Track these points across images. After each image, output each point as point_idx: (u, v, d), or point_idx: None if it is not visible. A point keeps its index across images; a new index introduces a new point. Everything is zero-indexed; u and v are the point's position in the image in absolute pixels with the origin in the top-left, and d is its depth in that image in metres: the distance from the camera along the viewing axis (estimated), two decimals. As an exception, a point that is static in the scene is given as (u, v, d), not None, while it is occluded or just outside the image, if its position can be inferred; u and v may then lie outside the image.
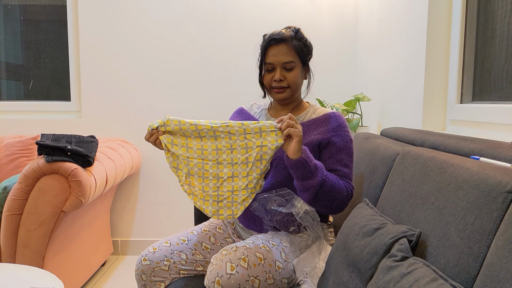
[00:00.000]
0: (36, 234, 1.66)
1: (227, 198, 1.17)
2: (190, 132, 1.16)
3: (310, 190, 1.15)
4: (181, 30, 2.53)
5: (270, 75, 1.30)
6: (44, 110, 2.66)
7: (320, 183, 1.14)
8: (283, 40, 1.27)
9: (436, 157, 0.92)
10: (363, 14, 2.38)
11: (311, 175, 1.13)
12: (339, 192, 1.19)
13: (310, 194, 1.15)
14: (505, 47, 1.23)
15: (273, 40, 1.27)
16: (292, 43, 1.27)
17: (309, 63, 1.35)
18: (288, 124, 1.10)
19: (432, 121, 1.52)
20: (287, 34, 1.27)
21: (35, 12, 2.71)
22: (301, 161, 1.11)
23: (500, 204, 0.66)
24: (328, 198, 1.17)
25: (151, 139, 1.19)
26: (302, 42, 1.30)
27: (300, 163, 1.11)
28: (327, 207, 1.20)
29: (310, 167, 1.12)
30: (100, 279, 2.27)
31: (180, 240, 1.32)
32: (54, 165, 1.65)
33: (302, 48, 1.29)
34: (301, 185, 1.16)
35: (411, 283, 0.67)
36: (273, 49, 1.28)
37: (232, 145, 1.16)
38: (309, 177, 1.13)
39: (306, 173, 1.13)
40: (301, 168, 1.12)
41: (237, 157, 1.16)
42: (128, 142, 2.54)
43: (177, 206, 2.63)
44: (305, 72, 1.35)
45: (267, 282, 1.12)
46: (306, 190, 1.16)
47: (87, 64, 2.56)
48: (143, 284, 1.28)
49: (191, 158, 1.18)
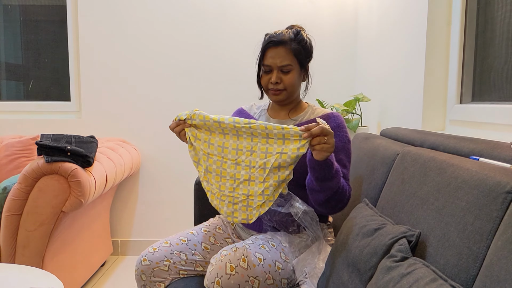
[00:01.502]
0: (35, 234, 1.65)
1: (242, 202, 1.13)
2: (214, 128, 1.14)
3: (326, 192, 1.13)
4: (181, 30, 2.53)
5: (267, 77, 1.30)
6: (44, 110, 2.66)
7: (339, 186, 1.13)
8: (281, 43, 1.26)
9: (436, 158, 0.92)
10: (363, 14, 2.38)
11: (331, 177, 1.11)
12: (344, 194, 1.18)
13: (326, 195, 1.14)
14: (505, 48, 1.23)
15: (272, 42, 1.27)
16: (290, 45, 1.26)
17: (308, 66, 1.34)
18: (319, 141, 1.03)
19: (431, 121, 1.52)
20: (286, 37, 1.26)
21: (35, 12, 2.71)
22: (328, 163, 1.08)
23: (499, 205, 0.66)
24: (337, 200, 1.17)
25: (176, 129, 1.18)
26: (302, 45, 1.28)
27: (325, 164, 1.08)
28: (332, 209, 1.19)
29: (333, 169, 1.10)
30: (100, 279, 2.27)
31: (180, 240, 1.32)
32: (54, 165, 1.65)
33: (301, 51, 1.28)
34: (319, 185, 1.13)
35: (410, 283, 0.67)
36: (271, 51, 1.27)
37: (252, 147, 1.12)
38: (329, 179, 1.11)
39: (328, 174, 1.10)
40: (325, 169, 1.09)
41: (256, 161, 1.11)
42: (128, 142, 2.54)
43: (177, 206, 2.63)
44: (304, 75, 1.34)
45: (266, 283, 1.12)
46: (322, 191, 1.14)
47: (87, 64, 2.56)
48: (143, 285, 1.28)
49: (211, 154, 1.16)
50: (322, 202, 1.16)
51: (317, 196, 1.16)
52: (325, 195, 1.14)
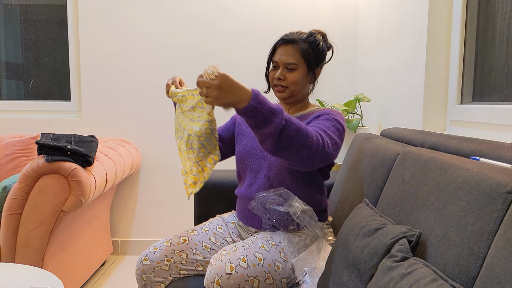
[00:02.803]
0: (35, 233, 1.65)
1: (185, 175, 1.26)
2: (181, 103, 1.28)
3: (269, 138, 1.01)
4: (181, 30, 2.53)
5: (274, 72, 1.33)
6: (44, 110, 2.66)
7: (279, 128, 1.00)
8: (291, 41, 1.30)
9: (436, 158, 0.92)
10: (363, 14, 2.38)
11: (266, 122, 0.99)
12: (308, 138, 1.06)
13: (271, 142, 1.02)
14: (505, 48, 1.23)
15: (282, 39, 1.32)
16: (299, 45, 1.29)
17: (317, 69, 1.35)
18: (203, 94, 0.99)
19: (432, 121, 1.52)
20: (298, 36, 1.30)
21: (35, 11, 2.71)
22: (249, 109, 0.98)
23: (500, 205, 0.66)
24: (294, 144, 1.04)
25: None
26: (312, 46, 1.30)
27: (248, 111, 0.98)
28: (296, 157, 1.07)
29: (263, 113, 0.98)
30: (100, 279, 2.27)
31: (181, 239, 1.32)
32: (54, 164, 1.65)
33: (309, 51, 1.29)
34: (258, 135, 1.03)
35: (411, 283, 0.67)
36: (280, 48, 1.32)
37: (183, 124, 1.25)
38: (265, 124, 0.99)
39: (260, 120, 0.99)
40: (252, 116, 0.99)
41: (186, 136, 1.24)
42: (128, 142, 2.54)
43: (177, 206, 2.63)
44: (311, 76, 1.34)
45: (266, 282, 1.12)
46: (265, 139, 1.03)
47: (87, 63, 2.56)
48: (144, 284, 1.28)
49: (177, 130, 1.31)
50: (274, 150, 1.04)
51: (266, 146, 1.04)
52: (271, 141, 1.02)
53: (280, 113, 1.01)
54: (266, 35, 2.53)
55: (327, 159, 1.14)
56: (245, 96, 0.98)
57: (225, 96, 0.96)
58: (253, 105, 0.97)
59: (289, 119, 1.03)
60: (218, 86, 0.96)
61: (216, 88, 0.96)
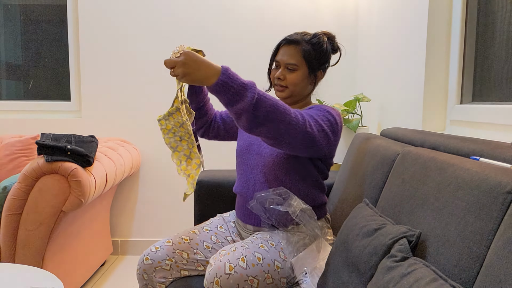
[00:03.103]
0: (35, 234, 1.65)
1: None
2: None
3: (244, 114, 0.99)
4: (182, 30, 2.53)
5: (275, 72, 1.34)
6: (44, 110, 2.66)
7: (253, 102, 0.98)
8: (294, 42, 1.30)
9: (436, 158, 0.92)
10: (363, 14, 2.38)
11: (238, 97, 0.98)
12: (286, 114, 1.04)
13: (247, 118, 1.00)
14: (505, 48, 1.23)
15: (286, 39, 1.32)
16: (301, 46, 1.29)
17: (319, 72, 1.34)
18: (171, 74, 1.01)
19: (432, 121, 1.52)
20: (301, 37, 1.30)
21: (35, 11, 2.71)
22: (219, 84, 0.97)
23: (500, 205, 0.66)
24: (271, 120, 1.02)
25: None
26: (315, 48, 1.30)
27: (218, 86, 0.97)
28: (275, 134, 1.05)
29: (234, 87, 0.97)
30: (100, 279, 2.27)
31: (182, 239, 1.32)
32: (54, 164, 1.65)
33: (311, 53, 1.29)
34: (232, 112, 1.01)
35: (411, 283, 0.67)
36: (283, 48, 1.32)
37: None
38: (237, 99, 0.98)
39: (232, 95, 0.98)
40: (223, 92, 0.98)
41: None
42: (128, 142, 2.54)
43: (177, 206, 2.63)
44: (313, 78, 1.34)
45: (266, 282, 1.12)
46: (240, 116, 1.01)
47: (87, 64, 2.56)
48: (145, 284, 1.28)
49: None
50: (251, 126, 1.02)
51: (241, 123, 1.03)
52: (247, 117, 1.00)
53: (252, 87, 1.00)
54: (266, 35, 2.52)
55: (312, 142, 1.12)
56: (213, 72, 0.98)
57: (191, 73, 0.98)
58: (222, 80, 0.97)
59: (263, 94, 1.02)
60: (183, 63, 0.97)
61: (181, 65, 0.97)
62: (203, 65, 0.98)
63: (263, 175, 1.29)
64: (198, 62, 0.98)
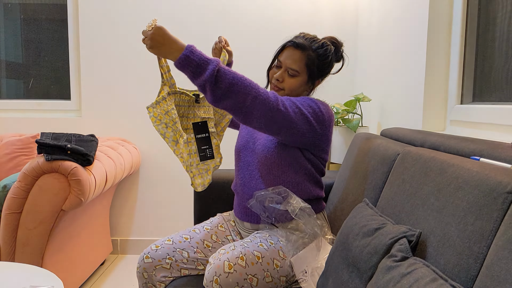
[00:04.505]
0: (35, 232, 1.65)
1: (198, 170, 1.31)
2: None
3: (207, 85, 1.05)
4: (182, 29, 2.53)
5: (275, 71, 1.33)
6: (44, 109, 2.66)
7: (214, 74, 1.04)
8: (300, 47, 1.28)
9: (436, 158, 0.92)
10: (363, 14, 2.38)
11: (200, 69, 1.05)
12: (252, 88, 1.07)
13: (210, 90, 1.05)
14: (506, 48, 1.23)
15: (293, 42, 1.29)
16: (307, 53, 1.28)
17: (317, 81, 1.35)
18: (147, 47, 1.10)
19: (432, 121, 1.52)
20: (309, 44, 1.28)
21: (35, 10, 2.70)
22: (182, 58, 1.05)
23: (500, 205, 0.66)
24: (235, 91, 1.05)
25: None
26: (320, 59, 1.29)
27: (182, 60, 1.05)
28: (242, 107, 1.07)
29: (195, 61, 1.04)
30: (99, 278, 2.27)
31: (183, 238, 1.32)
32: (54, 163, 1.65)
33: (315, 62, 1.29)
34: (198, 86, 1.07)
35: (411, 283, 0.67)
36: (288, 50, 1.30)
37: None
38: (199, 71, 1.05)
39: (194, 68, 1.05)
40: (186, 66, 1.05)
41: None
42: (128, 141, 2.54)
43: (176, 205, 2.63)
44: (310, 85, 1.34)
45: (265, 280, 1.12)
46: (204, 88, 1.06)
47: (87, 63, 2.56)
48: (144, 282, 1.28)
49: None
50: (214, 97, 1.06)
51: (208, 96, 1.07)
52: (209, 88, 1.05)
53: (215, 62, 1.06)
54: (266, 35, 2.52)
55: (289, 124, 1.13)
56: (177, 47, 1.07)
57: (157, 47, 1.08)
58: (185, 54, 1.05)
59: (228, 69, 1.07)
60: (151, 37, 1.08)
61: (149, 38, 1.08)
62: (169, 41, 1.08)
63: (257, 171, 1.29)
64: (165, 37, 1.08)
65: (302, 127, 1.16)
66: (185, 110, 1.31)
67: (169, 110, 1.23)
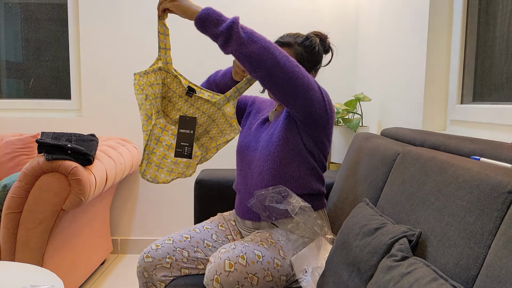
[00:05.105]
0: (35, 232, 1.66)
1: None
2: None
3: (233, 27, 1.06)
4: (182, 29, 2.53)
5: None
6: (44, 109, 2.66)
7: (236, 19, 1.07)
8: (286, 44, 1.30)
9: (437, 157, 0.92)
10: (363, 14, 2.38)
11: (223, 18, 1.09)
12: (270, 42, 1.10)
13: (235, 31, 1.07)
14: (506, 48, 1.23)
15: (278, 42, 1.32)
16: (294, 49, 1.29)
17: (312, 72, 1.35)
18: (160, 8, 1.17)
19: (432, 121, 1.52)
20: (293, 40, 1.30)
21: (36, 10, 2.70)
22: (202, 15, 1.08)
23: (500, 205, 0.66)
24: (255, 40, 1.08)
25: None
26: (307, 51, 1.30)
27: (202, 17, 1.08)
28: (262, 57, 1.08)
29: (214, 16, 1.08)
30: (100, 277, 2.27)
31: (183, 237, 1.32)
32: (54, 163, 1.65)
33: (303, 55, 1.30)
34: (220, 31, 1.07)
35: (411, 283, 0.67)
36: None
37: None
38: (223, 20, 1.09)
39: (214, 24, 1.08)
40: (207, 22, 1.08)
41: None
42: (128, 141, 2.54)
43: (177, 205, 2.63)
44: None
45: (265, 280, 1.12)
46: (228, 40, 1.07)
47: (88, 62, 2.56)
48: (145, 282, 1.28)
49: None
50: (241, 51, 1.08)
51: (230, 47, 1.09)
52: (235, 39, 1.06)
53: (234, 18, 1.08)
54: (265, 35, 2.52)
55: (307, 82, 1.14)
56: (196, 6, 1.12)
57: (178, 6, 1.13)
58: (203, 13, 1.08)
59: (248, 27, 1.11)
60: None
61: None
62: (189, 2, 1.14)
63: (260, 168, 1.29)
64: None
65: (316, 94, 1.17)
66: (172, 94, 1.29)
67: (154, 83, 1.23)
